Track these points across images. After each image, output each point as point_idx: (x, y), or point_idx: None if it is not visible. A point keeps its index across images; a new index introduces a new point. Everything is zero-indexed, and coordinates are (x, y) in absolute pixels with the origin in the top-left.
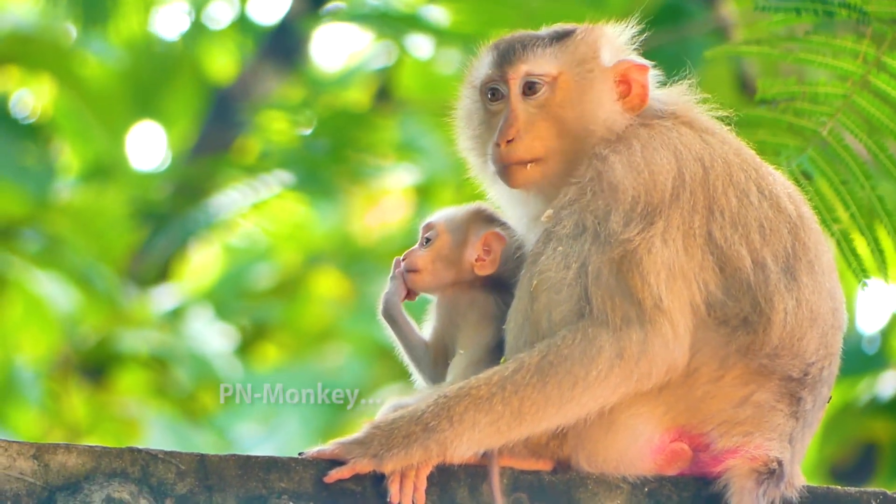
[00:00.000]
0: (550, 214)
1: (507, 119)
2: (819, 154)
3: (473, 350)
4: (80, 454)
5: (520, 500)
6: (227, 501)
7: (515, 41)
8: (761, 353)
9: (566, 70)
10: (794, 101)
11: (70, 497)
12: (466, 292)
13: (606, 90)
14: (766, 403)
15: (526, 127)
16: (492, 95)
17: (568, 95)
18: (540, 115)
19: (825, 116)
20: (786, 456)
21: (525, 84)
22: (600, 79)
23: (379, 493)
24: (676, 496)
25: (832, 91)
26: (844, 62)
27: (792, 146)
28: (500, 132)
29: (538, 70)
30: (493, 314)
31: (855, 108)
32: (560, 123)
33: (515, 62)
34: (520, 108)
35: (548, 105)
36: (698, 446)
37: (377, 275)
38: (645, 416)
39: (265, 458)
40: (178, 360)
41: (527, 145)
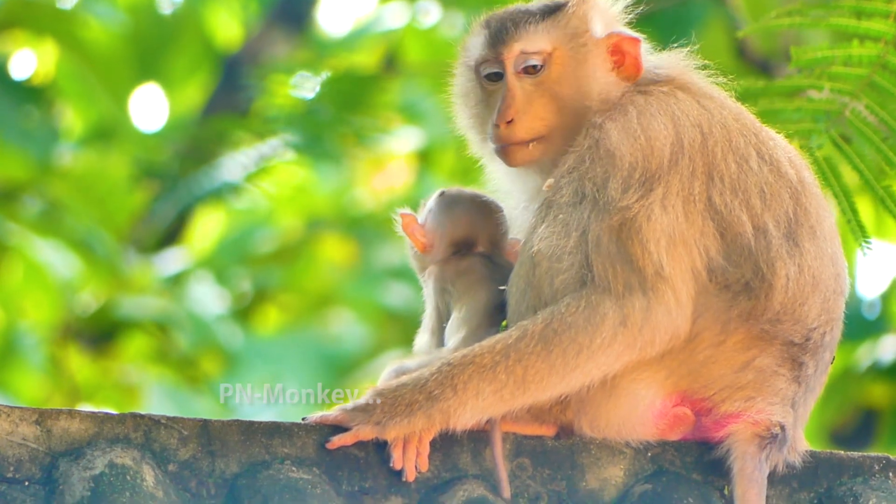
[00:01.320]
0: (551, 183)
1: (505, 99)
2: (857, 116)
3: (469, 314)
4: (83, 420)
5: (523, 465)
6: (229, 467)
7: (507, 19)
8: (763, 319)
9: (560, 45)
10: (830, 66)
11: (73, 463)
12: (451, 264)
13: (600, 62)
14: (768, 368)
15: (524, 107)
16: (487, 74)
17: (563, 71)
18: (537, 93)
19: (861, 78)
20: (788, 420)
21: (520, 62)
22: (594, 52)
23: (382, 459)
24: (679, 461)
25: (866, 53)
26: (876, 23)
27: (830, 111)
28: (498, 113)
29: (532, 48)
30: (484, 276)
31: (889, 68)
32: (557, 100)
33: (509, 41)
34: (516, 87)
35: (544, 82)
36: (700, 411)
37: (380, 239)
38: (647, 380)
39: (268, 424)
40: (180, 325)
41: (527, 126)
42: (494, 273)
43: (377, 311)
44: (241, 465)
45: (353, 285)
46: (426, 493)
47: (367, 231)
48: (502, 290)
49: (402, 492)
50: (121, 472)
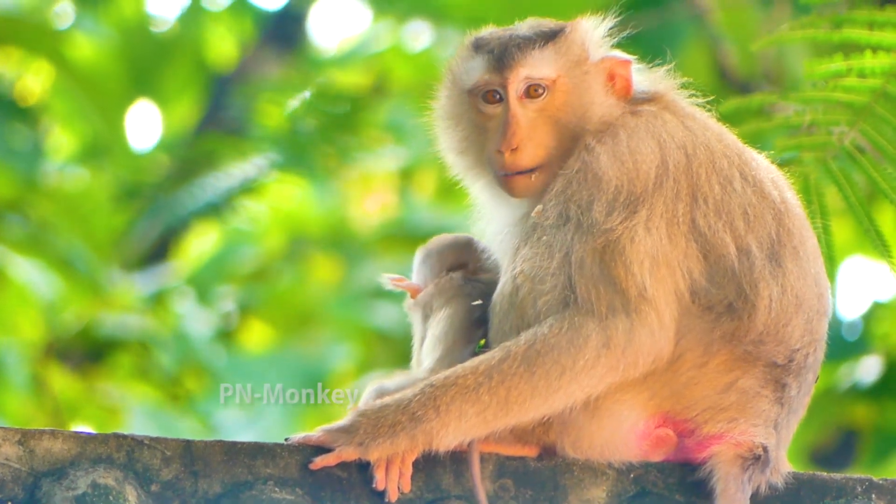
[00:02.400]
0: (540, 210)
1: (510, 126)
2: (872, 127)
3: (444, 331)
4: (66, 440)
5: (505, 486)
6: (212, 487)
7: (510, 43)
8: (746, 340)
9: (563, 73)
10: (842, 78)
11: (55, 482)
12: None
13: (599, 88)
14: (750, 389)
15: (528, 133)
16: (487, 98)
17: (567, 98)
18: (540, 120)
19: (875, 90)
20: (771, 442)
21: (525, 88)
22: (594, 78)
23: (365, 479)
24: (662, 482)
25: (879, 64)
26: (889, 34)
27: (843, 121)
28: (503, 139)
29: (538, 74)
30: (461, 291)
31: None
32: (560, 126)
33: (515, 66)
34: (519, 112)
35: (547, 108)
36: (683, 432)
37: (366, 259)
38: (630, 401)
39: (251, 444)
40: (163, 344)
41: (531, 153)
42: (472, 290)
43: (363, 331)
44: (224, 486)
45: (338, 304)
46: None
47: (354, 251)
48: (476, 304)
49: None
50: (103, 493)
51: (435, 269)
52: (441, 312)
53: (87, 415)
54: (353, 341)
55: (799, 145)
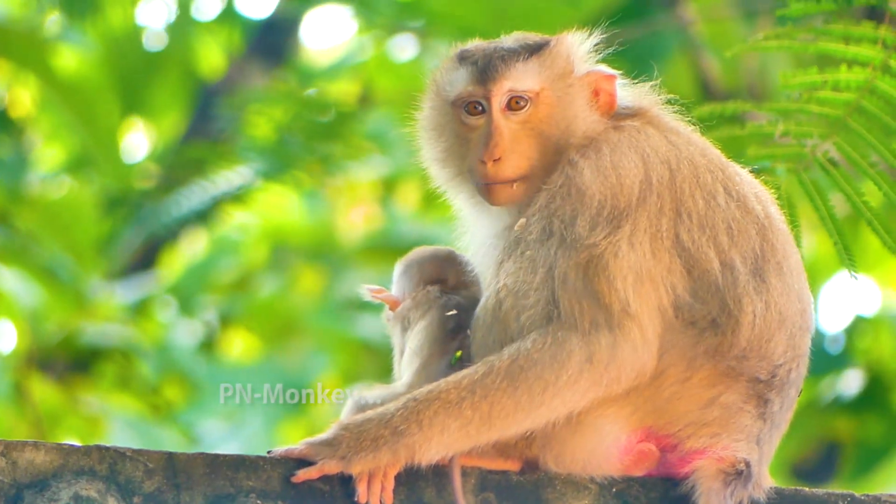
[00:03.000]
0: (523, 223)
1: (493, 137)
2: (845, 140)
3: (421, 343)
4: (48, 452)
5: (488, 499)
6: (194, 500)
7: (494, 55)
8: (729, 355)
9: (547, 86)
10: (817, 90)
11: (38, 494)
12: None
13: (583, 102)
14: (733, 405)
15: (511, 145)
16: (470, 109)
17: (551, 111)
18: (523, 132)
19: (849, 103)
20: (753, 457)
21: (508, 100)
22: (578, 92)
23: (347, 493)
24: (644, 497)
25: (854, 78)
26: (865, 48)
27: (817, 134)
28: (486, 150)
29: (521, 86)
30: (437, 303)
31: (878, 93)
32: (543, 139)
33: (499, 78)
34: (503, 125)
35: (530, 121)
36: (666, 447)
37: (350, 270)
38: (612, 416)
39: (233, 457)
40: (145, 354)
41: (514, 164)
42: (448, 302)
43: (346, 342)
44: (207, 498)
45: (321, 315)
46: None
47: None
48: (451, 315)
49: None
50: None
51: (414, 281)
52: (417, 325)
53: (69, 425)
54: (336, 352)
55: (772, 155)
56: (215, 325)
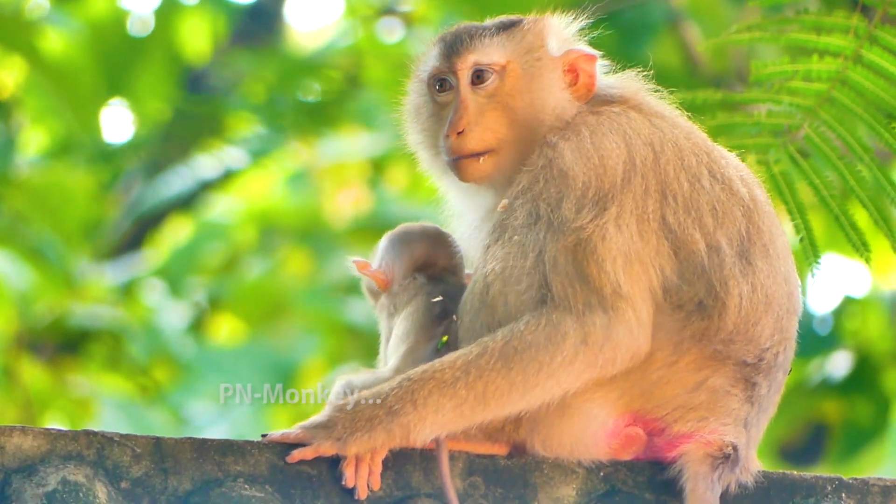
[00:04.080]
0: (506, 204)
1: (458, 110)
2: (816, 132)
3: (407, 329)
4: (36, 437)
5: (475, 483)
6: (182, 484)
7: (462, 32)
8: (716, 339)
9: (514, 59)
10: (789, 81)
11: (26, 479)
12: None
13: (555, 78)
14: (720, 388)
15: (476, 118)
16: (440, 86)
17: (516, 84)
18: (490, 105)
19: (820, 94)
20: (741, 441)
21: (474, 74)
22: (548, 67)
23: (335, 477)
24: (631, 480)
25: (826, 68)
26: (836, 38)
27: (789, 126)
28: (450, 123)
29: (486, 59)
30: (424, 290)
31: (849, 84)
32: (510, 112)
33: (463, 52)
34: (469, 98)
35: (497, 94)
36: (653, 431)
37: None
38: (599, 400)
39: (221, 442)
40: (134, 335)
41: (478, 136)
42: (434, 289)
43: (333, 324)
44: (194, 483)
45: (309, 297)
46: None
47: (326, 243)
48: (437, 301)
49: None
50: (73, 490)
51: (401, 258)
52: (404, 311)
53: (58, 407)
54: (324, 334)
55: (742, 145)
56: (204, 306)
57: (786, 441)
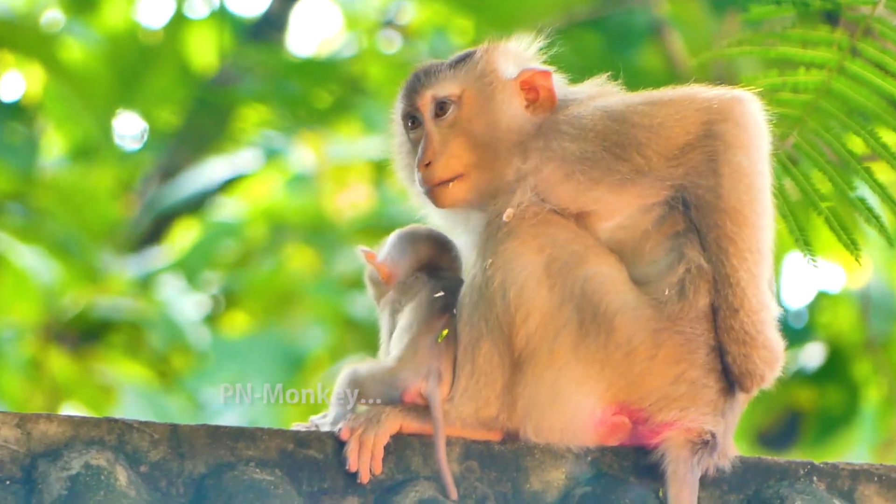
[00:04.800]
0: (511, 213)
1: (424, 144)
2: (804, 139)
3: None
4: (61, 423)
5: (471, 467)
6: (197, 468)
7: (420, 71)
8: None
9: (468, 87)
10: (778, 92)
11: (51, 463)
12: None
13: (510, 99)
14: (697, 381)
15: (441, 148)
16: (411, 124)
17: (473, 110)
18: (452, 134)
19: (807, 104)
20: (719, 428)
21: (435, 107)
22: (501, 90)
23: (339, 462)
24: (617, 465)
25: (812, 79)
26: (821, 51)
27: (778, 133)
28: (419, 157)
29: (443, 92)
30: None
31: (834, 93)
32: (471, 137)
33: (421, 89)
34: (433, 130)
35: (457, 122)
36: (638, 419)
37: (342, 248)
38: (588, 391)
39: (233, 428)
40: (153, 325)
41: (443, 164)
42: (435, 285)
43: (338, 316)
44: (208, 467)
45: (315, 290)
46: (381, 493)
47: (331, 241)
48: (438, 297)
49: (358, 492)
50: (96, 473)
51: (406, 255)
52: (408, 306)
53: (82, 394)
54: (329, 325)
55: None
56: (218, 299)
57: (763, 427)
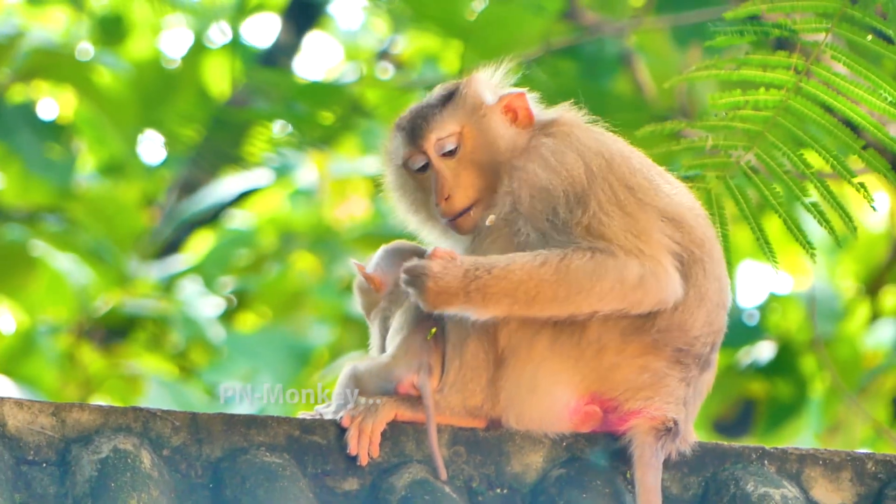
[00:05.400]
0: (493, 219)
1: (438, 181)
2: (765, 151)
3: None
4: (92, 412)
5: (458, 452)
6: (214, 452)
7: (417, 117)
8: (653, 330)
9: (465, 122)
10: (741, 110)
11: (83, 448)
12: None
13: (500, 122)
14: (661, 371)
15: (454, 182)
16: (416, 167)
17: (475, 142)
18: (460, 167)
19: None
20: (681, 416)
21: (439, 148)
22: (492, 117)
23: (341, 447)
24: (589, 449)
25: (771, 98)
26: (780, 74)
27: (741, 146)
28: (437, 194)
29: (445, 133)
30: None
31: (791, 111)
32: (478, 166)
33: (425, 134)
34: (443, 167)
35: (463, 156)
36: (608, 408)
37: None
38: (563, 383)
39: (246, 416)
40: (174, 324)
41: (462, 196)
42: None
43: (338, 315)
44: (224, 451)
45: (319, 292)
46: (378, 475)
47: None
48: None
49: (357, 474)
50: (123, 456)
51: (395, 268)
52: (399, 311)
53: (111, 385)
54: (331, 323)
55: (703, 165)
56: (233, 300)
57: (719, 416)
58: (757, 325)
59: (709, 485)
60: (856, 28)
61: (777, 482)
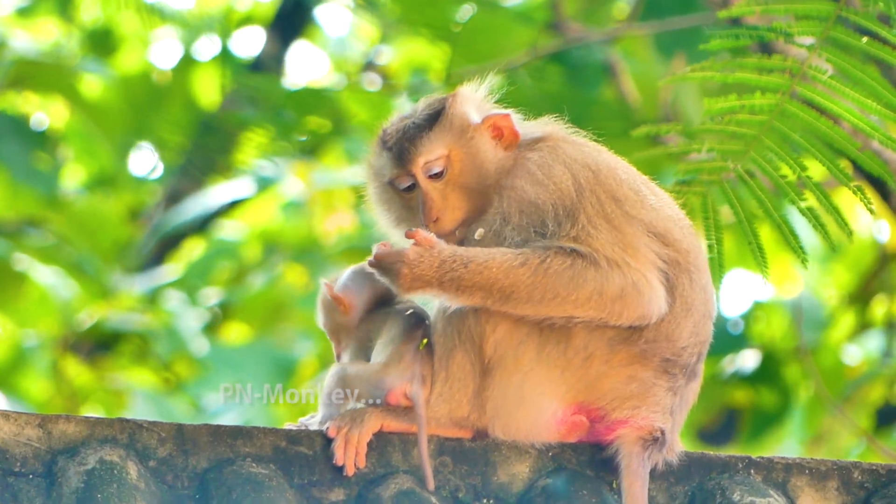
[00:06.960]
0: (482, 233)
1: (426, 203)
2: (760, 155)
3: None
4: (78, 423)
5: (445, 462)
6: (200, 463)
7: (404, 139)
8: (640, 340)
9: (453, 145)
10: (736, 114)
11: (69, 459)
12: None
13: (486, 142)
14: (648, 381)
15: (442, 203)
16: (403, 188)
17: (462, 164)
18: (448, 189)
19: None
20: (667, 426)
21: (427, 171)
22: (478, 138)
23: (327, 457)
24: (575, 460)
25: (767, 102)
26: (775, 77)
27: (737, 150)
28: (424, 216)
29: (433, 156)
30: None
31: (787, 115)
32: (465, 188)
33: (413, 157)
34: (430, 189)
35: (450, 178)
36: (594, 418)
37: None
38: (550, 393)
39: (232, 427)
40: (158, 337)
41: (450, 217)
42: (401, 307)
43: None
44: (210, 462)
45: (304, 304)
46: (364, 485)
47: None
48: (409, 314)
49: (344, 485)
50: (109, 468)
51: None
52: (385, 326)
53: (96, 398)
54: (316, 335)
55: (699, 169)
56: (217, 312)
57: (704, 425)
58: (741, 333)
59: (695, 494)
60: (850, 31)
61: (763, 491)
